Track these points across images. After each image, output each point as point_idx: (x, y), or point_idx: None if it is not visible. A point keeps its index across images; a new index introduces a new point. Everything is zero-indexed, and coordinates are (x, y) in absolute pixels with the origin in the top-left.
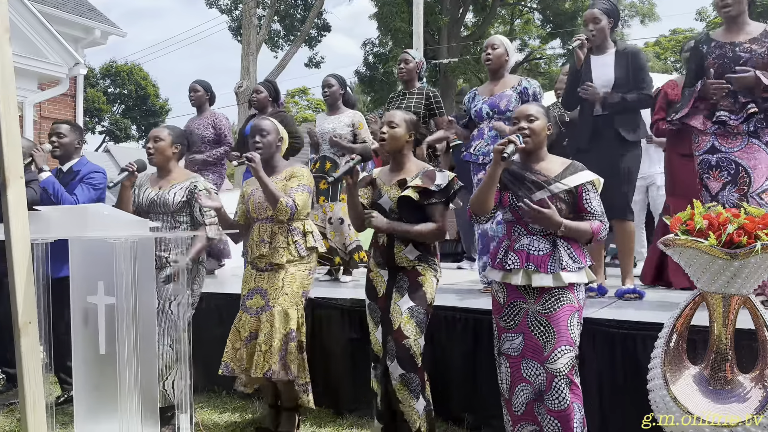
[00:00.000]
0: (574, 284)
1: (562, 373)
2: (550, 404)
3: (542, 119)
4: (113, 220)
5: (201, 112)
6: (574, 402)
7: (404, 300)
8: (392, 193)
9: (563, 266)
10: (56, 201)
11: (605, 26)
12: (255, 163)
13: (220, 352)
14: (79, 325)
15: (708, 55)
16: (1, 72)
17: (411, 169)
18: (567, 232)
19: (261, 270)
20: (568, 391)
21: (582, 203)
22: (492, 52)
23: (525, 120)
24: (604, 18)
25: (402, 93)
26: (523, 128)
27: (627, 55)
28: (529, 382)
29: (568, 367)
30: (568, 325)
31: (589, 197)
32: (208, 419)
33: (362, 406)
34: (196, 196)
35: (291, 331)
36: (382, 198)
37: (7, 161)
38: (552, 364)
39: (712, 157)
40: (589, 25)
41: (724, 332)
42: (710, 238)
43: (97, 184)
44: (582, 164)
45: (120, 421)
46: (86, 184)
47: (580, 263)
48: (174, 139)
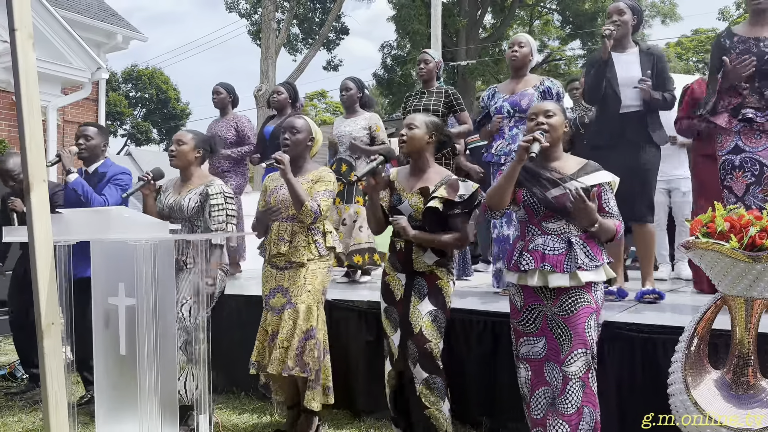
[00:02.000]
0: (591, 283)
1: (577, 376)
2: (561, 408)
3: (560, 116)
4: (134, 222)
5: (224, 114)
6: (585, 406)
7: (424, 303)
8: (413, 201)
9: (579, 265)
10: (86, 202)
11: (629, 20)
12: (284, 165)
13: (239, 353)
14: (101, 326)
15: (731, 50)
16: (26, 77)
17: (432, 176)
18: (599, 229)
19: (281, 269)
20: (581, 394)
21: (601, 203)
22: (519, 49)
23: (543, 115)
24: (628, 12)
25: (420, 92)
26: (542, 123)
27: (652, 55)
28: (551, 386)
29: (583, 370)
30: (585, 328)
31: (608, 197)
32: (227, 420)
33: (380, 408)
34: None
35: (312, 328)
36: (402, 204)
37: (31, 165)
38: (567, 366)
39: (735, 158)
40: (614, 16)
41: (747, 336)
42: (732, 241)
43: (125, 186)
44: (598, 164)
45: (140, 421)
46: (114, 184)
47: (597, 261)
48: (197, 144)
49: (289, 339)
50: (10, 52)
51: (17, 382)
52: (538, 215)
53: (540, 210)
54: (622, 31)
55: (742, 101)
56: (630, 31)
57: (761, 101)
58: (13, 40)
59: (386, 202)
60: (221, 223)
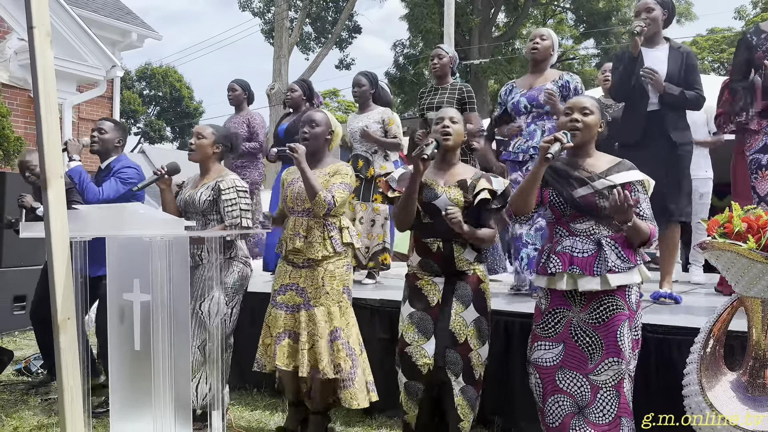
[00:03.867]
0: (626, 287)
1: (608, 385)
2: (593, 417)
3: (597, 114)
4: (149, 219)
5: (239, 111)
6: (622, 417)
7: (469, 311)
8: (452, 195)
9: (610, 267)
10: (80, 190)
11: (658, 16)
12: (298, 153)
13: (250, 350)
14: (115, 321)
15: (758, 47)
16: (43, 75)
17: (463, 171)
18: (632, 228)
19: (297, 266)
20: (616, 403)
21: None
22: (540, 42)
23: (579, 113)
24: (657, 8)
25: (434, 88)
26: (577, 120)
27: (681, 53)
28: (569, 394)
29: (615, 379)
30: (618, 335)
31: (638, 197)
32: (239, 416)
33: (391, 406)
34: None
35: (336, 329)
36: (438, 198)
37: (48, 161)
38: (597, 376)
39: (763, 157)
40: (642, 14)
41: (763, 338)
42: (749, 242)
43: (127, 179)
44: (632, 163)
45: (154, 416)
46: (116, 177)
47: (629, 263)
48: (217, 139)
49: (311, 341)
50: (28, 49)
51: (32, 376)
52: (565, 216)
53: (567, 210)
54: (652, 29)
55: None
56: (661, 27)
57: None
58: (31, 38)
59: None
60: (235, 218)
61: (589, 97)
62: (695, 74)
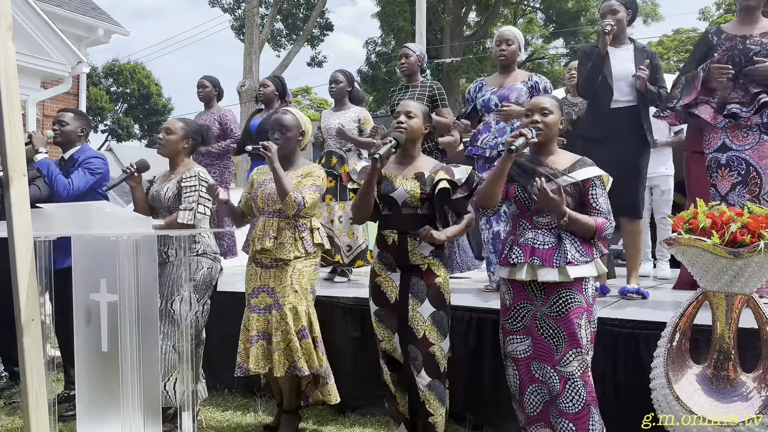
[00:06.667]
0: (582, 280)
1: (575, 375)
2: (563, 407)
3: (556, 113)
4: (116, 217)
5: (208, 107)
6: (590, 404)
7: (425, 306)
8: (408, 186)
9: (569, 260)
10: (49, 183)
11: (623, 17)
12: (271, 152)
13: (222, 350)
14: (82, 322)
15: (717, 47)
16: (5, 70)
17: (423, 163)
18: (570, 223)
19: (266, 267)
20: (584, 393)
21: (588, 198)
22: (507, 48)
23: (539, 113)
24: (621, 9)
25: (405, 86)
26: (537, 121)
27: (646, 53)
28: (543, 383)
29: (580, 369)
30: (578, 328)
31: (596, 193)
32: (211, 417)
33: (364, 403)
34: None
35: (303, 328)
36: (396, 191)
37: (11, 159)
38: (564, 367)
39: (722, 156)
40: (608, 16)
41: (727, 331)
42: (713, 237)
43: (95, 169)
44: (591, 160)
45: (122, 419)
46: (83, 168)
47: (587, 256)
48: (186, 134)
49: (286, 339)
50: None
51: None
52: (529, 210)
53: (531, 205)
54: (618, 28)
55: (727, 97)
56: (625, 27)
57: (746, 96)
58: None
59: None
60: (191, 203)
61: (549, 97)
62: (660, 74)
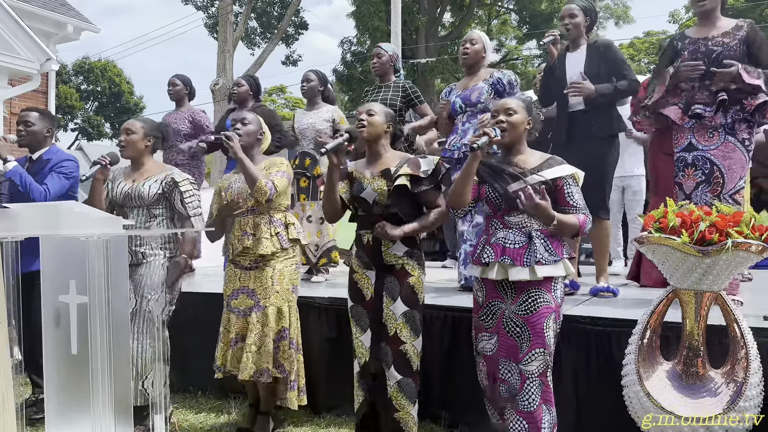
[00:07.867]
0: (551, 280)
1: (534, 374)
2: (521, 405)
3: (521, 113)
4: (85, 217)
5: (179, 106)
6: (543, 404)
7: (397, 304)
8: (376, 185)
9: (538, 259)
10: (24, 191)
11: (581, 22)
12: (233, 142)
13: (195, 351)
14: (51, 325)
15: (682, 51)
16: None
17: (391, 160)
18: (558, 226)
19: (246, 268)
20: (539, 393)
21: (564, 197)
22: (470, 47)
23: (504, 113)
24: (580, 14)
25: (378, 86)
26: (502, 121)
27: (598, 47)
28: (506, 382)
29: (540, 369)
30: (544, 327)
31: (571, 190)
32: (184, 419)
33: (339, 404)
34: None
35: (284, 329)
36: (365, 191)
37: None
38: (525, 365)
39: (688, 155)
40: (565, 20)
41: (696, 328)
42: (683, 236)
43: (69, 173)
44: (562, 159)
45: (93, 423)
46: (57, 172)
47: (556, 256)
48: (147, 132)
49: (260, 342)
50: None
51: None
52: (500, 209)
53: (501, 204)
54: (575, 33)
55: (692, 98)
56: (583, 32)
57: (709, 97)
58: None
59: (346, 193)
60: (196, 208)
61: (515, 97)
62: (623, 64)
